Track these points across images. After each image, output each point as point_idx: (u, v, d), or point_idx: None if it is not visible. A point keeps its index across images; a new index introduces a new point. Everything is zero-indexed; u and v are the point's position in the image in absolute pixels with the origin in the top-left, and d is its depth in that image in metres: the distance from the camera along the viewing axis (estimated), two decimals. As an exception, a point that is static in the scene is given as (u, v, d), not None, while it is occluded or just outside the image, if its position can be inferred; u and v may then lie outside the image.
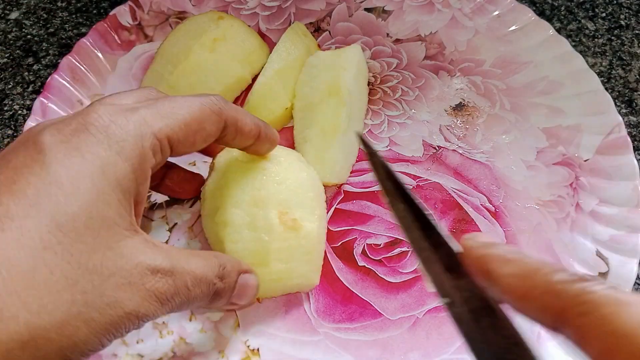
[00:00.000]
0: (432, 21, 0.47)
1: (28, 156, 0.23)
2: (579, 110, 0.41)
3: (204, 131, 0.27)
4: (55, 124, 0.24)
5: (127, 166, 0.24)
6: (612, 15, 0.51)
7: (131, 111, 0.25)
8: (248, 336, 0.33)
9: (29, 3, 0.51)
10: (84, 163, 0.23)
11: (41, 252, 0.20)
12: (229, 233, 0.32)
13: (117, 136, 0.24)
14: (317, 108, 0.39)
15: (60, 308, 0.20)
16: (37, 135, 0.23)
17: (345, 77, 0.39)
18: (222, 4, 0.47)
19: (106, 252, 0.22)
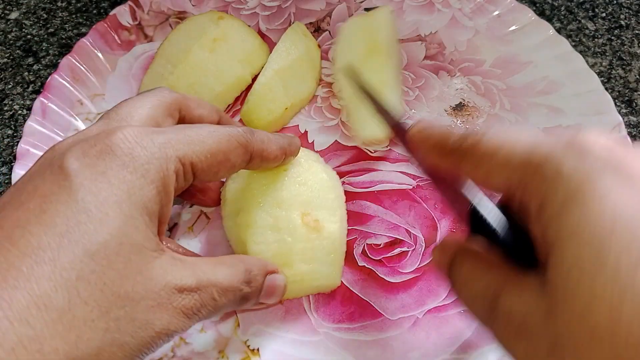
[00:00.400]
0: (432, 21, 0.47)
1: (55, 182, 0.23)
2: (579, 110, 0.41)
3: (229, 162, 0.28)
4: (80, 144, 0.24)
5: (152, 189, 0.24)
6: (612, 15, 0.51)
7: (157, 133, 0.25)
8: (248, 336, 0.33)
9: (29, 3, 0.51)
10: (110, 188, 0.23)
11: (75, 283, 0.21)
12: (252, 234, 0.32)
13: (142, 158, 0.24)
14: (360, 68, 0.39)
15: (96, 337, 0.21)
16: (63, 159, 0.23)
17: (382, 35, 0.41)
18: (222, 4, 0.47)
19: (136, 277, 0.22)
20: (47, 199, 0.22)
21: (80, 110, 0.41)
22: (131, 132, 0.25)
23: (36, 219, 0.21)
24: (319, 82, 0.44)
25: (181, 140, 0.25)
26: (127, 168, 0.23)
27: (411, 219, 0.38)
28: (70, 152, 0.24)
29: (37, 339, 0.20)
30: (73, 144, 0.24)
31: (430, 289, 0.35)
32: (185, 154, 0.25)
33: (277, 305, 0.34)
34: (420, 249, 0.37)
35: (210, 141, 0.26)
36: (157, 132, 0.25)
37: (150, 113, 0.28)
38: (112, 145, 0.24)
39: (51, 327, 0.20)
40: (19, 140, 0.38)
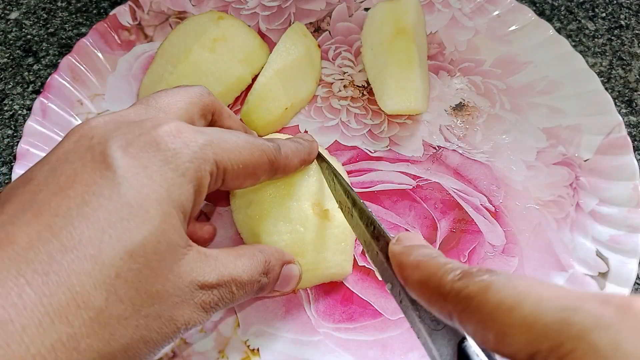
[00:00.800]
0: (432, 21, 0.47)
1: (97, 171, 0.22)
2: (579, 110, 0.41)
3: (255, 175, 0.28)
4: (123, 133, 0.24)
5: (190, 188, 0.24)
6: (612, 15, 0.51)
7: (199, 133, 0.25)
8: (248, 336, 0.33)
9: (29, 3, 0.51)
10: (152, 184, 0.23)
11: (113, 281, 0.21)
12: (265, 225, 0.32)
13: (184, 156, 0.24)
14: (389, 48, 0.42)
15: (127, 334, 0.21)
16: (105, 146, 0.23)
17: (409, 18, 0.43)
18: (222, 4, 0.47)
19: (168, 275, 0.23)
20: (90, 189, 0.22)
21: (80, 110, 0.41)
22: (176, 127, 0.25)
23: (78, 211, 0.21)
24: (319, 82, 0.44)
25: (220, 144, 0.26)
26: (169, 165, 0.23)
27: (411, 219, 0.38)
28: (113, 139, 0.23)
29: (75, 336, 0.20)
30: (115, 130, 0.24)
31: (430, 289, 0.35)
32: (222, 159, 0.25)
33: (277, 305, 0.34)
34: (420, 249, 0.37)
35: (245, 152, 0.27)
36: (198, 131, 0.25)
37: (188, 109, 0.28)
38: (157, 138, 0.24)
39: (88, 325, 0.20)
40: (19, 140, 0.38)
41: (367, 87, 0.44)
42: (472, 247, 0.37)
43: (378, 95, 0.41)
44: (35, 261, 0.20)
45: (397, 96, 0.40)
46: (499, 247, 0.37)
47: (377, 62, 0.42)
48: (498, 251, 0.37)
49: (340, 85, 0.44)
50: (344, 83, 0.44)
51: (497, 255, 0.37)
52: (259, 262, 0.28)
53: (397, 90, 0.40)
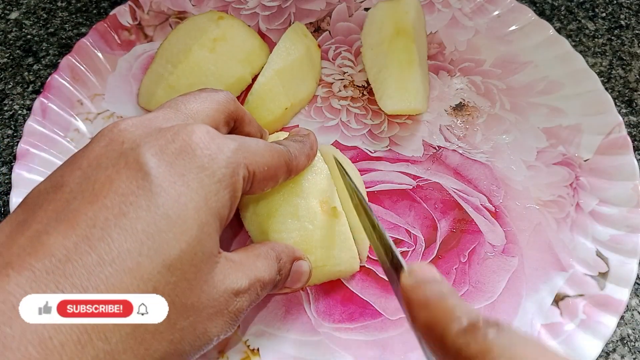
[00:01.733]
0: (432, 21, 0.47)
1: (133, 180, 0.22)
2: (579, 110, 0.41)
3: (276, 177, 0.28)
4: (156, 138, 0.23)
5: (226, 194, 0.24)
6: (612, 15, 0.51)
7: (229, 138, 0.25)
8: (248, 336, 0.33)
9: (29, 3, 0.51)
10: (189, 193, 0.22)
11: (156, 286, 0.21)
12: (273, 223, 0.32)
13: (220, 162, 0.24)
14: (389, 48, 0.42)
15: (161, 348, 0.21)
16: (139, 152, 0.23)
17: (409, 18, 0.43)
18: (222, 4, 0.47)
19: (203, 286, 0.23)
20: (127, 199, 0.21)
21: (80, 110, 0.41)
22: (209, 133, 0.24)
23: (116, 222, 0.21)
24: (319, 82, 0.44)
25: (248, 149, 0.26)
26: (205, 171, 0.23)
27: (411, 219, 0.38)
28: (147, 145, 0.23)
29: (112, 353, 0.20)
30: (146, 135, 0.24)
31: (430, 289, 0.35)
32: (251, 163, 0.26)
33: (277, 305, 0.34)
34: (420, 249, 0.37)
35: (267, 155, 0.27)
36: (228, 137, 0.25)
37: (214, 115, 0.28)
38: (192, 144, 0.23)
39: (125, 341, 0.20)
40: (19, 140, 0.38)
41: (367, 87, 0.44)
42: (472, 247, 0.37)
43: (378, 95, 0.41)
44: (73, 275, 0.20)
45: (397, 96, 0.40)
46: (499, 247, 0.37)
47: (377, 62, 0.42)
48: (498, 251, 0.37)
49: (340, 85, 0.44)
50: (344, 83, 0.44)
51: (497, 255, 0.37)
52: (273, 261, 0.28)
53: (397, 90, 0.40)
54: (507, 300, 0.35)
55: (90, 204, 0.21)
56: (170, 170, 0.22)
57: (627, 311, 0.36)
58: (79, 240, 0.20)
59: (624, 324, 0.36)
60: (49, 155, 0.38)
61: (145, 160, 0.22)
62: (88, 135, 0.41)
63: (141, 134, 0.24)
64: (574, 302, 0.34)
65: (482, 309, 0.34)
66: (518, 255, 0.37)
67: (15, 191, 0.36)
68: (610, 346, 0.35)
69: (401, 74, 0.41)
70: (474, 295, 0.35)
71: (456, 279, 0.36)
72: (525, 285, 0.35)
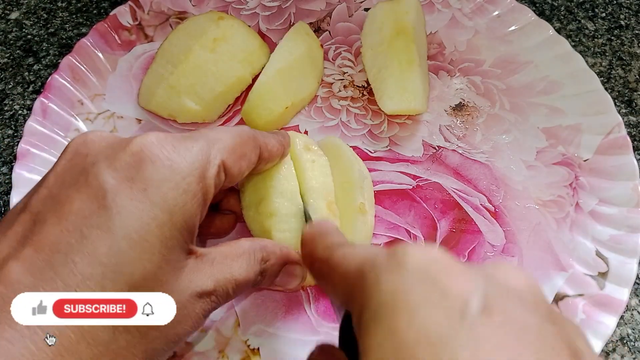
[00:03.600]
0: (432, 21, 0.47)
1: (93, 201, 0.22)
2: (579, 110, 0.41)
3: (247, 156, 0.28)
4: (114, 152, 0.23)
5: (194, 203, 0.24)
6: (612, 15, 0.51)
7: (191, 139, 0.25)
8: (248, 336, 0.33)
9: (29, 3, 0.51)
10: (151, 210, 0.22)
11: None
12: (276, 222, 0.32)
13: (183, 171, 0.23)
14: (388, 48, 0.42)
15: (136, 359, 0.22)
16: (97, 171, 0.22)
17: (409, 18, 0.43)
18: (222, 4, 0.47)
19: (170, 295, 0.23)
20: (87, 221, 0.21)
21: (80, 110, 0.41)
22: (166, 140, 0.24)
23: (78, 245, 0.21)
24: (320, 82, 0.44)
25: (208, 142, 0.25)
26: (168, 183, 0.23)
27: (411, 219, 0.38)
28: (106, 161, 0.23)
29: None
30: (107, 148, 0.23)
31: (430, 288, 0.35)
32: (216, 155, 0.25)
33: (277, 305, 0.34)
34: (420, 249, 0.37)
35: (227, 137, 0.27)
36: (189, 138, 0.25)
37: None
38: (150, 155, 0.23)
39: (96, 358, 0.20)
40: (19, 140, 0.38)
41: (367, 87, 0.44)
42: (471, 246, 0.37)
43: (378, 96, 0.41)
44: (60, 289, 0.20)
45: (397, 96, 0.40)
46: (499, 246, 0.37)
47: (377, 62, 0.42)
48: (498, 251, 0.37)
49: (340, 85, 0.44)
50: (344, 83, 0.44)
51: (497, 255, 0.37)
52: (256, 261, 0.27)
53: (397, 90, 0.40)
54: (507, 300, 0.35)
55: (53, 226, 0.21)
56: (130, 185, 0.22)
57: (627, 311, 0.36)
58: (43, 265, 0.21)
59: (624, 324, 0.36)
60: (50, 155, 0.38)
61: (104, 177, 0.22)
62: (88, 135, 0.41)
63: (103, 147, 0.24)
64: (573, 302, 0.34)
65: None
66: (518, 255, 0.37)
67: (15, 191, 0.36)
68: (610, 346, 0.35)
69: (401, 74, 0.41)
70: (474, 295, 0.35)
71: (456, 279, 0.36)
72: (525, 285, 0.35)
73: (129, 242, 0.21)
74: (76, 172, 0.23)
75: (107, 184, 0.22)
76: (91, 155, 0.23)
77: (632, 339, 0.35)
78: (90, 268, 0.21)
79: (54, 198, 0.22)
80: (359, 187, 0.35)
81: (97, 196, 0.22)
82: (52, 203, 0.22)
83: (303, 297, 0.35)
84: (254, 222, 0.34)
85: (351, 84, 0.44)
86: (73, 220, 0.21)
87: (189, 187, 0.23)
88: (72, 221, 0.21)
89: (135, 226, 0.22)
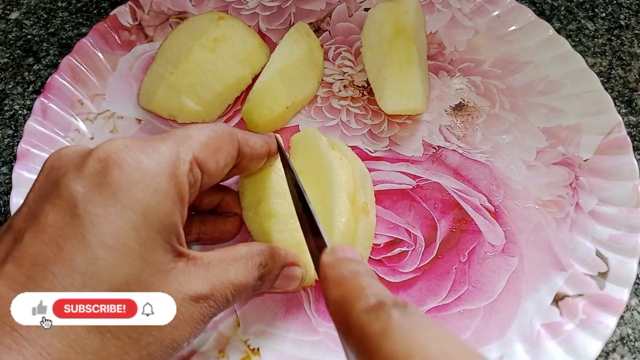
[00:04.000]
0: (432, 21, 0.47)
1: (66, 212, 0.22)
2: (579, 110, 0.41)
3: (223, 150, 0.27)
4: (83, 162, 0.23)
5: (168, 201, 0.23)
6: (612, 15, 0.51)
7: (159, 140, 0.25)
8: (248, 335, 0.33)
9: (29, 3, 0.51)
10: (124, 213, 0.22)
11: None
12: (275, 223, 0.32)
13: (152, 171, 0.23)
14: (388, 48, 0.42)
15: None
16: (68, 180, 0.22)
17: (409, 18, 0.43)
18: (222, 4, 0.47)
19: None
20: (62, 232, 0.21)
21: (80, 110, 0.41)
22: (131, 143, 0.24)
23: (55, 257, 0.21)
24: (320, 82, 0.44)
25: (176, 140, 0.25)
26: (137, 185, 0.22)
27: (411, 218, 0.38)
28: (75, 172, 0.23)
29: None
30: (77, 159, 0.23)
31: (430, 288, 0.35)
32: (186, 152, 0.25)
33: (277, 305, 0.34)
34: (420, 249, 0.37)
35: (197, 134, 0.26)
36: (157, 138, 0.25)
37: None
38: (117, 160, 0.23)
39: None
40: (19, 140, 0.38)
41: (367, 87, 0.44)
42: (471, 246, 0.37)
43: (378, 95, 0.41)
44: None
45: (397, 96, 0.40)
46: (499, 246, 0.37)
47: (377, 62, 0.42)
48: (498, 251, 0.37)
49: (340, 85, 0.44)
50: (344, 83, 0.44)
51: (497, 255, 0.37)
52: (253, 266, 0.27)
53: (397, 90, 0.40)
54: (507, 299, 0.35)
55: (31, 241, 0.22)
56: (101, 192, 0.22)
57: (627, 311, 0.36)
58: (25, 280, 0.21)
59: (624, 324, 0.36)
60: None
61: (73, 186, 0.22)
62: (88, 135, 0.41)
63: (73, 159, 0.24)
64: (573, 302, 0.34)
65: (482, 308, 0.34)
66: (518, 255, 0.37)
67: (15, 191, 0.36)
68: (610, 346, 0.35)
69: (401, 74, 0.41)
70: (474, 294, 0.35)
71: (456, 279, 0.36)
72: (525, 285, 0.35)
73: (105, 248, 0.21)
74: (50, 187, 0.23)
75: (78, 192, 0.22)
76: (64, 167, 0.23)
77: (632, 339, 0.35)
78: (69, 278, 0.21)
79: (32, 214, 0.23)
80: (361, 186, 0.35)
81: (69, 206, 0.22)
82: (30, 219, 0.22)
83: (303, 297, 0.35)
84: (253, 223, 0.34)
85: (351, 84, 0.44)
86: (49, 233, 0.21)
87: (159, 187, 0.23)
88: (48, 234, 0.21)
89: (110, 232, 0.21)
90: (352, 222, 0.33)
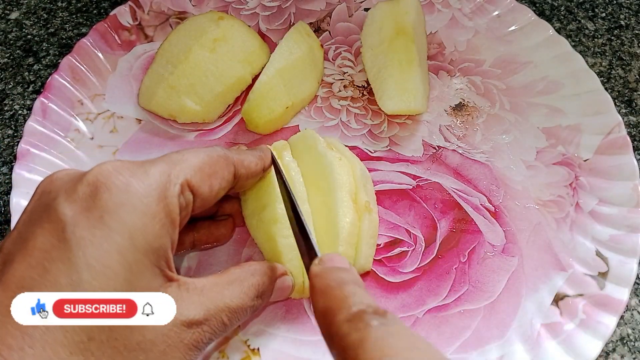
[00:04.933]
0: (432, 21, 0.47)
1: (53, 234, 0.22)
2: (579, 110, 0.41)
3: (218, 174, 0.27)
4: (72, 184, 0.23)
5: (156, 224, 0.23)
6: (612, 15, 0.51)
7: (149, 163, 0.24)
8: (248, 336, 0.33)
9: (29, 3, 0.51)
10: (111, 236, 0.22)
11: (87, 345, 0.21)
12: (280, 229, 0.32)
13: (140, 193, 0.23)
14: (388, 49, 0.42)
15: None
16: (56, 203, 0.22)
17: (409, 18, 0.43)
18: (222, 4, 0.47)
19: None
20: (48, 255, 0.21)
21: (80, 110, 0.41)
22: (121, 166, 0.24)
23: (41, 280, 0.21)
24: (320, 82, 0.44)
25: (169, 164, 0.25)
26: (124, 208, 0.22)
27: (411, 218, 0.38)
28: (64, 194, 0.23)
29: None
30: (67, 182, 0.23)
31: (430, 288, 0.35)
32: (177, 175, 0.25)
33: (277, 305, 0.34)
34: (420, 249, 0.37)
35: (192, 157, 0.26)
36: (143, 162, 0.25)
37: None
38: (106, 182, 0.23)
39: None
40: (19, 140, 0.38)
41: (367, 87, 0.44)
42: (471, 246, 0.37)
43: (378, 96, 0.41)
44: (8, 336, 0.20)
45: (397, 96, 0.40)
46: (499, 246, 0.37)
47: (377, 62, 0.42)
48: (498, 251, 0.37)
49: (340, 85, 0.44)
50: (344, 83, 0.44)
51: (497, 255, 0.37)
52: (250, 286, 0.27)
53: (397, 90, 0.40)
54: (507, 299, 0.35)
55: (19, 264, 0.22)
56: (88, 215, 0.22)
57: (627, 311, 0.36)
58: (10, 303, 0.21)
59: (624, 324, 0.36)
60: (50, 155, 0.38)
61: (62, 210, 0.22)
62: (88, 135, 0.41)
63: (65, 183, 0.24)
64: (573, 302, 0.34)
65: (482, 308, 0.34)
66: (518, 255, 0.37)
67: (15, 191, 0.36)
68: (610, 346, 0.35)
69: (401, 74, 0.41)
70: (474, 294, 0.35)
71: (456, 279, 0.36)
72: (525, 285, 0.35)
73: (89, 271, 0.21)
74: (40, 211, 0.23)
75: (66, 216, 0.22)
76: (54, 191, 0.23)
77: (632, 339, 0.35)
78: None
79: (22, 237, 0.23)
80: (362, 185, 0.35)
81: (57, 229, 0.22)
82: (19, 242, 0.22)
83: (303, 298, 0.35)
84: (257, 230, 0.34)
85: (351, 84, 0.44)
86: (36, 256, 0.21)
87: (147, 209, 0.23)
88: (35, 257, 0.21)
89: (96, 255, 0.21)
90: (357, 222, 0.33)
